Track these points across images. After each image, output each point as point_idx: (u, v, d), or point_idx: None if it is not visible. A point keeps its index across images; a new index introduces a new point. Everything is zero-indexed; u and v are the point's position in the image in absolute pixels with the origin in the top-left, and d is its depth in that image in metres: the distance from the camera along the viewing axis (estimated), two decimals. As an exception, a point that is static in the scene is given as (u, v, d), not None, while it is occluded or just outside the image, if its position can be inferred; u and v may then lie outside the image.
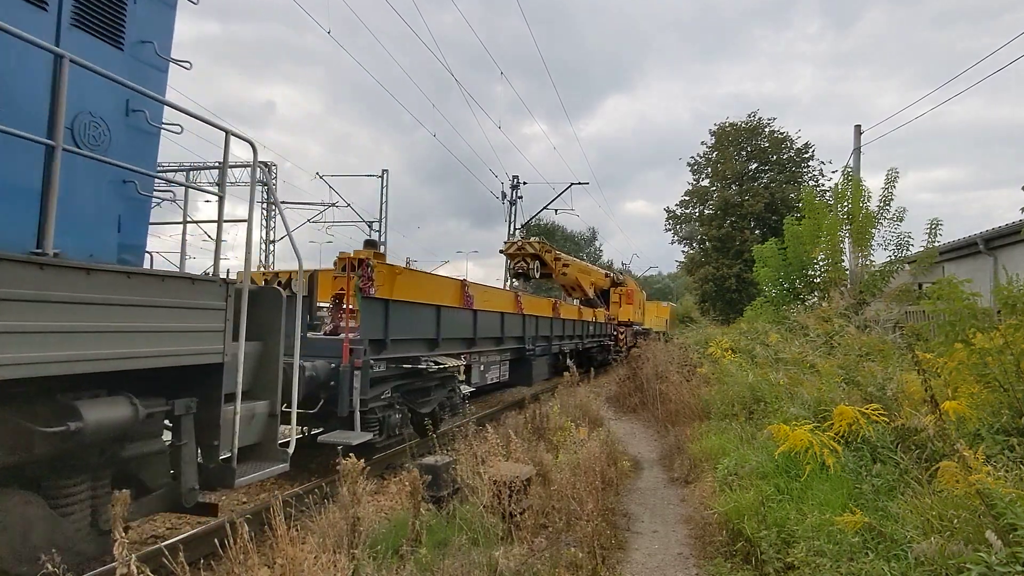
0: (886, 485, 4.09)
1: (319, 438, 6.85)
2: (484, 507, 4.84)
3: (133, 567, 2.67)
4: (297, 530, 3.89)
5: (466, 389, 10.75)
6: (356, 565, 3.66)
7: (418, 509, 4.69)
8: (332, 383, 6.90)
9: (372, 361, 7.16)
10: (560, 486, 5.32)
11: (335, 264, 7.65)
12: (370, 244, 9.31)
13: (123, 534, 2.72)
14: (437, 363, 8.62)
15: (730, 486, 5.50)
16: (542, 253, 18.45)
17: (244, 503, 6.34)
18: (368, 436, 6.91)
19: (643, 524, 5.74)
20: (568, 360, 16.54)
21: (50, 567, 2.65)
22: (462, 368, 9.17)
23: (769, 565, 4.00)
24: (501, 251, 18.98)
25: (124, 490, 2.91)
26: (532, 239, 18.88)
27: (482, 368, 10.95)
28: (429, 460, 5.82)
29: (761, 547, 4.19)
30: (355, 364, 6.89)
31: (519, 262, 18.22)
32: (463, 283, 10.17)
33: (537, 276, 18.78)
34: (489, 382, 11.38)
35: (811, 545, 3.70)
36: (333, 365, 6.93)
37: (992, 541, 2.63)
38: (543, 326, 14.13)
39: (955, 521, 3.17)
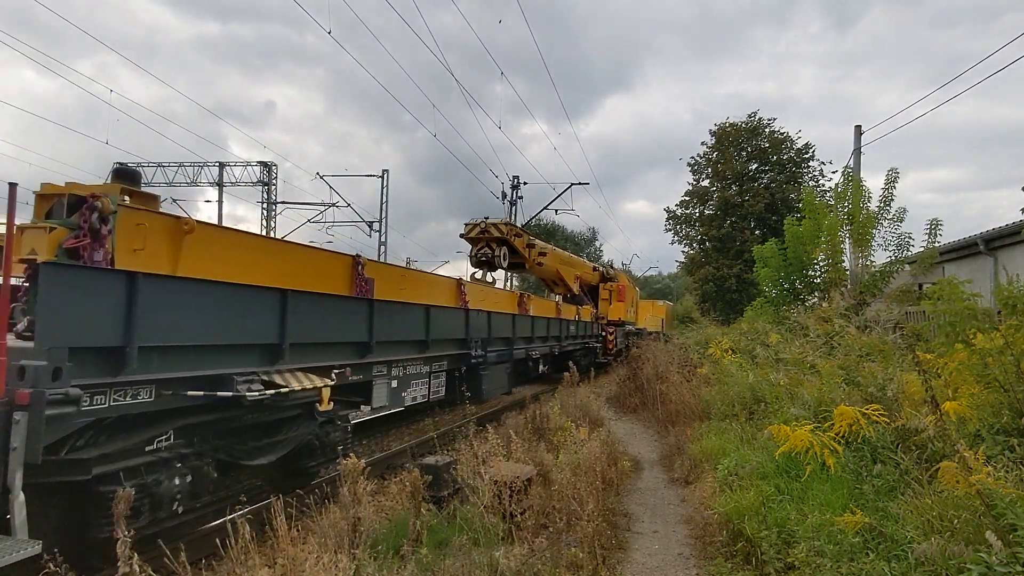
0: (886, 485, 4.09)
1: None
2: (485, 507, 4.84)
3: (135, 566, 2.67)
4: (298, 530, 3.90)
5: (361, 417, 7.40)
6: (357, 565, 3.67)
7: (419, 509, 4.69)
8: None
9: (87, 390, 3.79)
10: (561, 486, 5.33)
11: (35, 204, 4.34)
12: (123, 175, 5.63)
13: (126, 533, 2.73)
14: (274, 385, 5.19)
15: (730, 486, 5.50)
16: (510, 238, 15.25)
17: (244, 502, 6.34)
18: (28, 549, 3.16)
19: (643, 524, 5.75)
20: (541, 367, 14.64)
21: (52, 567, 2.66)
22: (325, 394, 5.94)
23: (770, 565, 4.00)
24: (462, 235, 15.57)
25: (128, 488, 2.92)
26: (499, 221, 15.56)
27: (394, 384, 7.66)
28: (430, 460, 5.83)
29: (761, 547, 4.19)
30: (17, 400, 3.36)
31: (483, 248, 15.03)
32: (355, 260, 7.33)
33: (504, 266, 15.75)
34: (410, 403, 8.24)
35: (811, 545, 3.71)
36: None
37: (992, 541, 2.63)
38: (500, 325, 11.03)
39: (955, 521, 3.17)
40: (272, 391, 5.08)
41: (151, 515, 4.37)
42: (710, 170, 37.45)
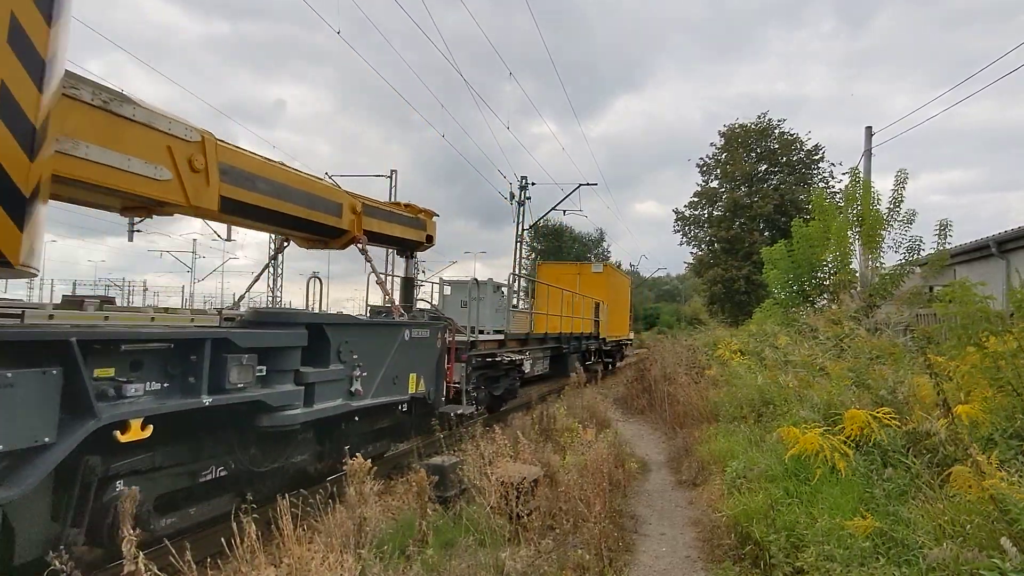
0: (897, 489, 4.05)
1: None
2: (491, 508, 4.83)
3: (140, 565, 2.67)
4: (304, 530, 3.90)
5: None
6: (363, 565, 3.66)
7: (425, 509, 4.68)
8: None
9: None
10: (567, 487, 5.30)
11: None
12: None
13: (131, 531, 2.72)
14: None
15: (739, 489, 5.46)
16: None
17: (250, 501, 6.34)
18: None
19: (651, 526, 5.71)
20: None
21: (57, 564, 2.66)
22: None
23: (779, 569, 3.96)
24: None
25: (134, 487, 2.92)
26: None
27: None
28: (436, 460, 5.82)
29: (770, 551, 4.15)
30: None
31: None
32: None
33: None
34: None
35: (821, 549, 3.67)
36: None
37: (1007, 547, 2.59)
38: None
39: (968, 527, 3.13)
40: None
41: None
42: (719, 171, 37.32)
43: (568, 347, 14.99)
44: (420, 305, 9.76)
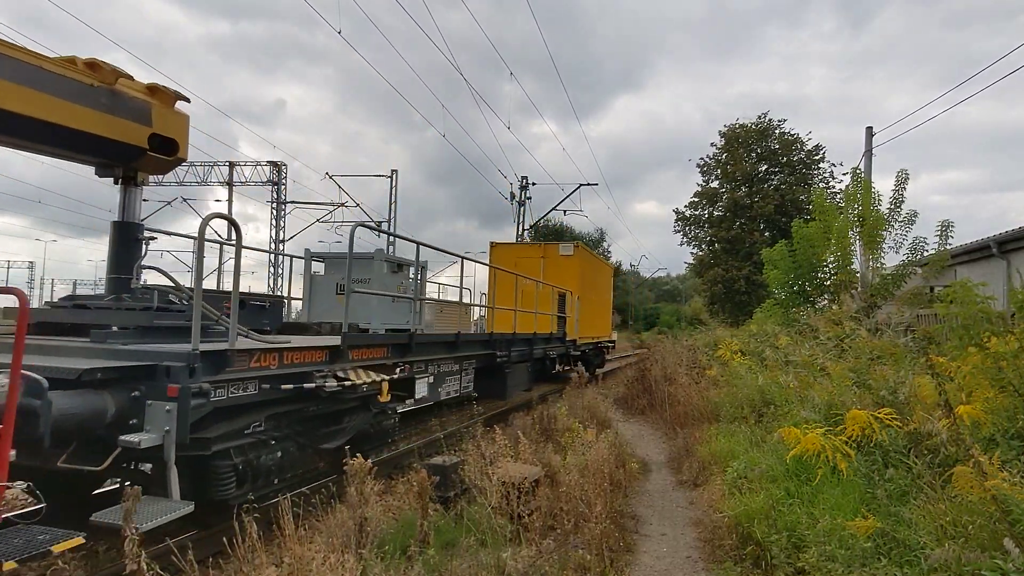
0: (899, 490, 4.04)
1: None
2: (492, 508, 4.83)
3: (142, 564, 2.67)
4: (305, 529, 3.90)
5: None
6: (364, 565, 3.66)
7: (426, 509, 4.68)
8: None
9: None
10: (568, 487, 5.30)
11: None
12: None
13: (133, 530, 2.72)
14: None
15: (740, 489, 5.46)
16: None
17: (252, 502, 6.34)
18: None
19: (651, 527, 5.71)
20: None
21: (60, 563, 2.66)
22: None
23: (780, 570, 3.96)
24: None
25: (136, 486, 2.92)
26: None
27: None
28: (437, 460, 5.82)
29: (771, 551, 4.15)
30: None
31: None
32: None
33: None
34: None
35: (822, 550, 3.67)
36: None
37: (1009, 548, 2.59)
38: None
39: (970, 527, 3.13)
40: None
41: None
42: (719, 171, 37.34)
43: (507, 355, 10.36)
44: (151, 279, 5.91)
